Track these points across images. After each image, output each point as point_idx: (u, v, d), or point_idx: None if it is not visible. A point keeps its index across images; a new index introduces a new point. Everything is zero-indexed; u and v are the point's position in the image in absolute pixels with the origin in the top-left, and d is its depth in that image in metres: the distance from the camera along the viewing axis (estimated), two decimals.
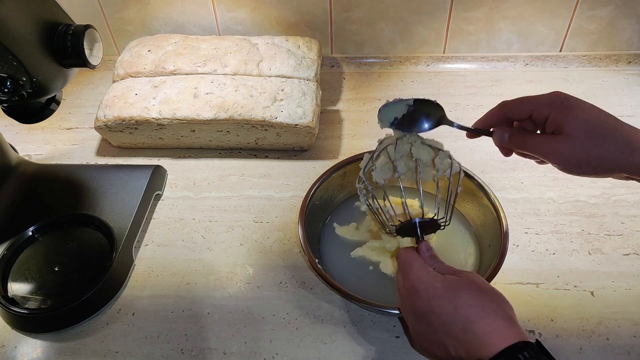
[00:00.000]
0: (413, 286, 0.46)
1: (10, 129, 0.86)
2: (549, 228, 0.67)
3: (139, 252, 0.68)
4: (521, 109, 0.50)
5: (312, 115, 0.75)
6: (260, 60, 0.81)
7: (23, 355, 0.58)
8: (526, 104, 0.50)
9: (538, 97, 0.50)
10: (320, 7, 0.90)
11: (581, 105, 0.47)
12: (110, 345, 0.58)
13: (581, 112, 0.46)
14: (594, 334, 0.56)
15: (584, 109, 0.47)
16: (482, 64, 0.93)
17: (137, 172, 0.73)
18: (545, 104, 0.48)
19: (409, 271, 0.48)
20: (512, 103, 0.51)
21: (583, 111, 0.46)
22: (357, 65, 0.96)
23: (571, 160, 0.46)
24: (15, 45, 0.50)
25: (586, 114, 0.46)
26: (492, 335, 0.40)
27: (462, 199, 0.67)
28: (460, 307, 0.43)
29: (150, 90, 0.77)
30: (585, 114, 0.46)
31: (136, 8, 0.93)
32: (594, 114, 0.46)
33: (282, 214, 0.71)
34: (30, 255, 0.65)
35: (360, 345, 0.57)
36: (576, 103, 0.47)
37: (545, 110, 0.48)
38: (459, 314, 0.42)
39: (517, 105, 0.51)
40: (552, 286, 0.61)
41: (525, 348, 0.38)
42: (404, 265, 0.49)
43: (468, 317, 0.42)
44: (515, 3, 0.87)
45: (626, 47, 0.91)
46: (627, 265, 0.63)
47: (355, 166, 0.67)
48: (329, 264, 0.63)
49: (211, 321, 0.60)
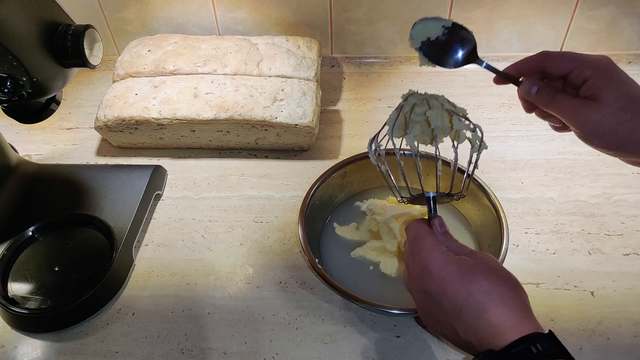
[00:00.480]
0: (425, 266, 0.44)
1: (10, 129, 0.86)
2: (549, 228, 0.67)
3: (139, 252, 0.68)
4: (563, 64, 0.47)
5: (312, 115, 0.75)
6: (260, 60, 0.81)
7: (23, 355, 0.58)
8: (570, 60, 0.47)
9: (584, 56, 0.47)
10: (320, 7, 0.90)
11: (624, 77, 0.45)
12: (110, 345, 0.58)
13: (623, 84, 0.45)
14: (594, 334, 0.56)
15: (627, 82, 0.45)
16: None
17: (137, 172, 0.73)
18: (589, 65, 0.46)
19: (421, 248, 0.45)
20: (555, 55, 0.48)
21: (625, 84, 0.45)
22: (357, 65, 0.96)
23: (598, 129, 0.45)
24: (15, 45, 0.50)
25: (627, 88, 0.45)
26: (506, 324, 0.39)
27: (462, 199, 0.67)
28: (475, 293, 0.41)
29: (150, 90, 0.77)
30: (627, 87, 0.45)
31: (136, 8, 0.93)
32: (636, 89, 0.45)
33: (282, 214, 0.71)
34: (30, 255, 0.65)
35: (360, 345, 0.57)
36: (620, 74, 0.46)
37: (587, 71, 0.46)
38: (474, 300, 0.41)
39: (560, 58, 0.48)
40: (552, 286, 0.61)
41: (539, 340, 0.37)
42: (416, 241, 0.47)
43: (483, 305, 0.40)
44: (515, 3, 0.87)
45: (626, 47, 0.91)
46: (627, 265, 0.63)
47: (355, 166, 0.67)
48: (329, 264, 0.63)
49: (211, 321, 0.60)
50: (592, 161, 0.75)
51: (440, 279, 0.43)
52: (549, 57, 0.48)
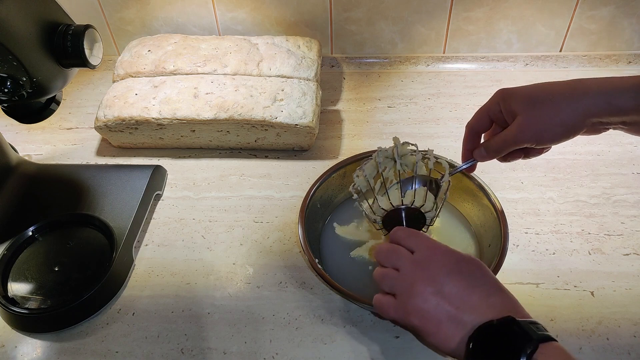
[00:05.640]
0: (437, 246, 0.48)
1: (10, 129, 0.86)
2: (549, 228, 0.67)
3: (139, 252, 0.68)
4: (481, 120, 0.56)
5: (312, 115, 0.75)
6: (260, 60, 0.81)
7: (23, 355, 0.58)
8: (483, 113, 0.55)
9: (488, 102, 0.55)
10: (320, 7, 0.90)
11: (518, 89, 0.53)
12: (110, 345, 0.58)
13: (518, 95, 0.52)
14: (594, 334, 0.56)
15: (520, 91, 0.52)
16: (482, 63, 0.93)
17: (137, 172, 0.73)
18: (494, 103, 0.54)
19: (422, 236, 0.49)
20: (473, 120, 0.57)
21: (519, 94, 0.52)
22: (357, 65, 0.96)
23: (532, 135, 0.51)
24: (15, 45, 0.50)
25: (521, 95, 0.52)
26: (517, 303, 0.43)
27: (462, 199, 0.67)
28: (487, 275, 0.45)
29: (150, 90, 0.77)
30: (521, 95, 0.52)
31: (136, 8, 0.93)
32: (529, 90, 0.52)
33: (282, 214, 0.71)
34: (30, 255, 0.65)
35: (360, 345, 0.57)
36: (514, 90, 0.53)
37: (496, 108, 0.54)
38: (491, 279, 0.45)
39: (477, 120, 0.56)
40: (552, 286, 0.61)
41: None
42: (412, 234, 0.50)
43: (498, 284, 0.45)
44: (515, 3, 0.87)
45: (626, 47, 0.91)
46: (627, 265, 0.63)
47: (355, 166, 0.67)
48: (329, 264, 0.63)
49: (211, 321, 0.60)
50: (592, 161, 0.75)
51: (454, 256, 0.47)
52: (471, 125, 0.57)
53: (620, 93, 0.47)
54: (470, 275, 0.45)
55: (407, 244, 0.49)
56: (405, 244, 0.49)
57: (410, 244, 0.49)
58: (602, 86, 0.48)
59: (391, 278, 0.47)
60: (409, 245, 0.49)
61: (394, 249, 0.49)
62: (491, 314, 0.42)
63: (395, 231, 0.51)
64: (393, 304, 0.46)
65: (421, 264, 0.46)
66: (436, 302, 0.44)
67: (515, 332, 0.39)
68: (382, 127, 0.83)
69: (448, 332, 0.43)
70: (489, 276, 0.45)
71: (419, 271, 0.46)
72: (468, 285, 0.44)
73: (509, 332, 0.39)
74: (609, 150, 0.77)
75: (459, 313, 0.43)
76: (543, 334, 0.39)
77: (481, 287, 0.44)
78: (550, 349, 0.38)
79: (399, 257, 0.48)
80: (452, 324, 0.43)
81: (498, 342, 0.40)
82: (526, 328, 0.39)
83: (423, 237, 0.49)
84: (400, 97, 0.89)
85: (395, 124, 0.84)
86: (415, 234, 0.50)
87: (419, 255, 0.47)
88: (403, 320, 0.46)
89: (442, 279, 0.45)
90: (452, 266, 0.45)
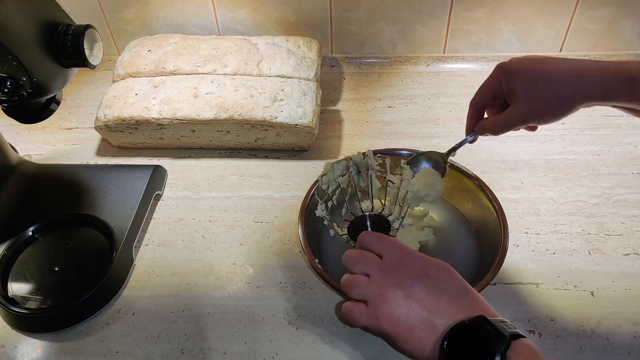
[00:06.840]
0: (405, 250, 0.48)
1: (10, 129, 0.86)
2: (549, 228, 0.67)
3: (139, 252, 0.68)
4: (484, 97, 0.57)
5: (312, 115, 0.75)
6: (260, 60, 0.81)
7: (23, 355, 0.58)
8: (484, 90, 0.57)
9: (488, 79, 0.56)
10: (320, 7, 0.90)
11: (518, 66, 0.53)
12: (110, 345, 0.58)
13: (519, 74, 0.52)
14: (594, 334, 0.56)
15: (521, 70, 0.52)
16: (482, 63, 0.94)
17: (137, 172, 0.73)
18: (495, 80, 0.55)
19: (390, 241, 0.49)
20: (475, 97, 0.58)
21: (520, 73, 0.52)
22: (357, 65, 0.96)
23: (532, 116, 0.53)
24: (15, 45, 0.50)
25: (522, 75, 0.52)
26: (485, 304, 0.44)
27: (462, 199, 0.67)
28: (454, 278, 0.45)
29: (150, 90, 0.77)
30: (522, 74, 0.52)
31: (136, 8, 0.93)
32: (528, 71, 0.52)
33: (282, 214, 0.71)
34: (30, 255, 0.65)
35: (360, 345, 0.57)
36: (513, 66, 0.53)
37: (497, 85, 0.54)
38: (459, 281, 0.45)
39: (479, 96, 0.57)
40: (552, 286, 0.61)
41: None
42: (380, 238, 0.49)
43: (466, 285, 0.45)
44: (515, 3, 0.87)
45: (626, 48, 0.91)
46: (627, 265, 0.63)
47: None
48: (329, 264, 0.63)
49: (211, 321, 0.60)
50: (592, 161, 0.75)
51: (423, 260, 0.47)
52: (475, 102, 0.58)
53: (614, 80, 0.48)
54: (437, 279, 0.45)
55: (375, 249, 0.49)
56: (373, 249, 0.49)
57: (379, 249, 0.48)
58: (599, 70, 0.49)
59: (361, 286, 0.47)
60: (377, 250, 0.49)
61: (362, 254, 0.49)
62: (462, 315, 0.42)
63: (363, 236, 0.51)
64: (364, 312, 0.46)
65: (390, 269, 0.46)
66: (408, 307, 0.43)
67: (487, 330, 0.40)
68: (382, 127, 0.83)
69: (421, 337, 0.42)
70: (456, 279, 0.45)
71: (389, 277, 0.46)
72: (436, 289, 0.44)
73: (482, 331, 0.40)
74: (609, 150, 0.77)
75: (430, 317, 0.43)
76: (514, 332, 0.40)
77: (449, 289, 0.44)
78: (520, 346, 0.39)
79: (367, 263, 0.48)
80: (424, 328, 0.42)
81: (471, 342, 0.40)
82: (498, 326, 0.40)
83: (391, 241, 0.49)
84: (400, 97, 0.89)
85: (395, 124, 0.84)
86: (383, 238, 0.49)
87: (387, 259, 0.47)
88: (375, 327, 0.45)
89: (411, 282, 0.45)
90: (420, 271, 0.45)
